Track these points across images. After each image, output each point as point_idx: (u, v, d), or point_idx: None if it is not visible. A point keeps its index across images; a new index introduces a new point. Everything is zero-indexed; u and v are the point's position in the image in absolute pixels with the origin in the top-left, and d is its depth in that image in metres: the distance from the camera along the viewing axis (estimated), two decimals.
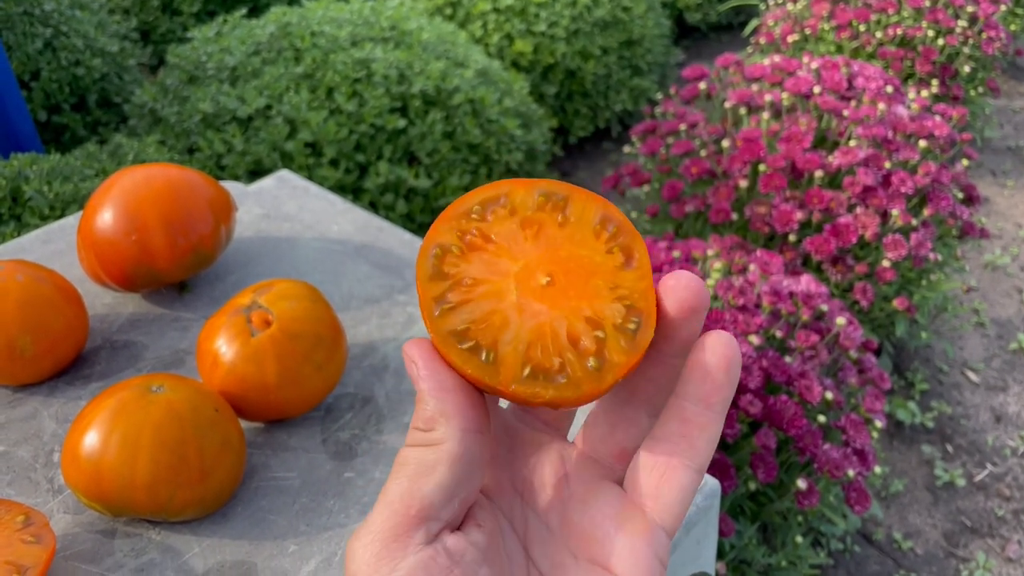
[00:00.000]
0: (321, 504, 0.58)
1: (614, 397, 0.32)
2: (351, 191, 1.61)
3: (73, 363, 0.68)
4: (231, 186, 0.91)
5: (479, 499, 0.31)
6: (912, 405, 1.64)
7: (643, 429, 0.31)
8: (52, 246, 0.81)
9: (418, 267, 0.30)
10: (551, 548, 0.31)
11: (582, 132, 2.46)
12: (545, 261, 0.30)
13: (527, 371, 0.29)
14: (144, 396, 0.54)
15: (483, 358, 0.29)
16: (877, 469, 1.05)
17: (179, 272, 0.70)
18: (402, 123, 1.62)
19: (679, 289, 0.28)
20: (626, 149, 1.78)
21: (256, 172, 1.59)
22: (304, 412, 0.62)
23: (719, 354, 0.28)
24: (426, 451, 0.28)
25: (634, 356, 0.29)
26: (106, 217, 0.68)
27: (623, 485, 0.31)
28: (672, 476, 0.29)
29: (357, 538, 0.28)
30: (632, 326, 0.29)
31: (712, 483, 0.62)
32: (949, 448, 1.60)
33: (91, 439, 0.52)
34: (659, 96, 2.02)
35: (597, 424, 0.32)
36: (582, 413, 0.59)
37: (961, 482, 1.52)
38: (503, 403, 0.34)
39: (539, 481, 0.32)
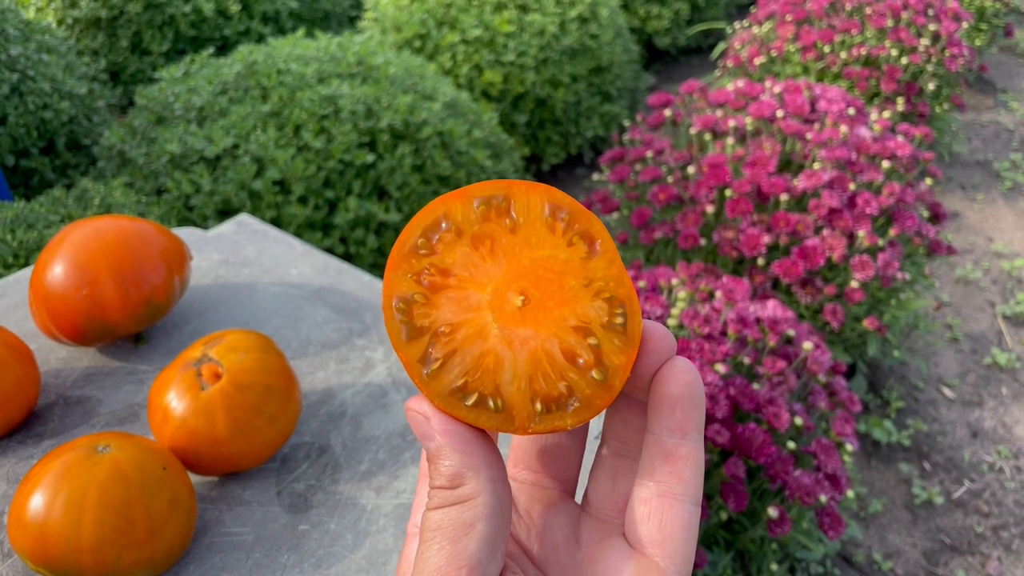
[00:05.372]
0: (275, 559, 0.57)
1: (611, 453, 0.32)
2: (321, 227, 1.61)
3: (25, 421, 0.67)
4: (189, 232, 0.90)
5: (506, 560, 0.31)
6: (888, 424, 1.64)
7: None
8: (6, 300, 0.80)
9: (388, 328, 0.28)
10: None
11: (554, 159, 2.47)
12: (512, 278, 0.29)
13: (539, 407, 0.28)
14: (90, 457, 0.53)
15: (492, 407, 0.28)
16: (850, 493, 1.05)
17: (133, 324, 0.70)
18: (371, 158, 1.62)
19: (658, 352, 0.29)
20: (595, 176, 1.78)
21: (225, 212, 1.59)
22: (258, 464, 0.62)
23: (681, 382, 0.28)
24: (460, 509, 0.28)
25: (632, 351, 0.28)
26: (56, 272, 0.67)
27: (625, 536, 0.30)
28: (671, 516, 0.29)
29: None
30: (620, 320, 0.28)
31: None
32: (926, 465, 1.60)
33: (36, 502, 0.51)
34: (629, 122, 2.03)
35: (599, 481, 0.32)
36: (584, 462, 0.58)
37: (939, 500, 1.52)
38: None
39: (549, 545, 0.31)
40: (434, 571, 0.27)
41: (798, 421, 1.04)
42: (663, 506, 0.29)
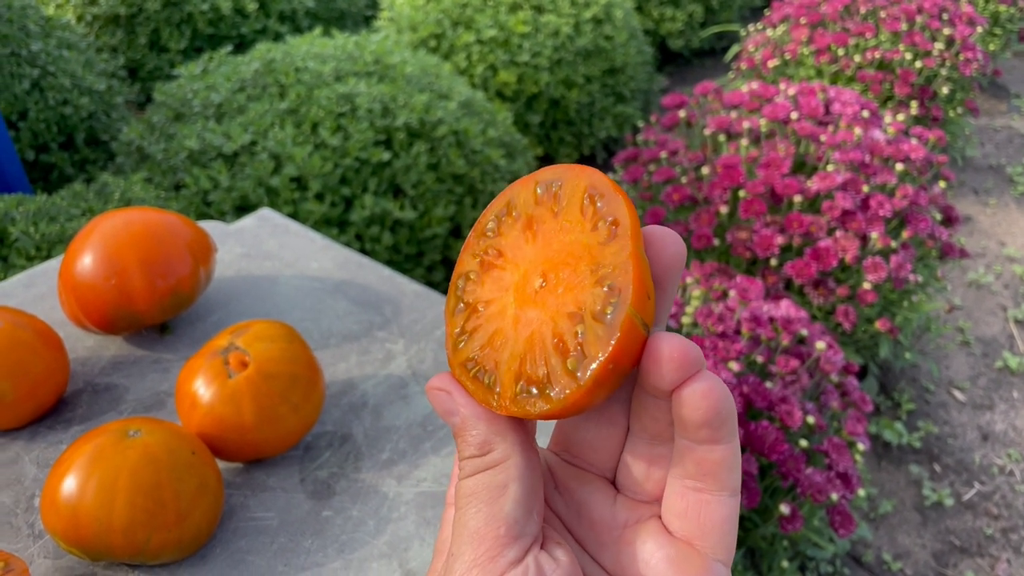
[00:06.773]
0: (299, 544, 0.58)
1: (643, 441, 0.31)
2: (337, 224, 1.62)
3: (54, 407, 0.68)
4: (212, 226, 0.92)
5: (548, 530, 0.31)
6: (899, 425, 1.65)
7: None
8: (35, 290, 0.82)
9: (447, 301, 0.31)
10: None
11: (567, 159, 2.48)
12: (540, 261, 0.29)
13: (519, 388, 0.28)
14: (121, 441, 0.54)
15: (486, 382, 0.29)
16: (861, 492, 1.06)
17: (159, 314, 0.71)
18: (387, 156, 1.63)
19: (676, 368, 0.27)
20: (609, 177, 1.79)
21: (243, 208, 1.61)
22: (282, 451, 0.63)
23: (702, 409, 0.27)
24: (492, 473, 0.28)
25: (607, 345, 0.26)
26: (86, 262, 0.69)
27: (664, 525, 0.30)
28: (709, 511, 0.29)
29: (448, 574, 0.28)
30: (609, 311, 0.27)
31: None
32: (937, 468, 1.61)
33: (69, 484, 0.53)
34: (643, 123, 2.04)
35: (633, 468, 0.31)
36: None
37: (949, 502, 1.53)
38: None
39: (587, 521, 0.31)
40: (473, 534, 0.28)
41: (810, 420, 1.04)
42: (700, 501, 0.29)
